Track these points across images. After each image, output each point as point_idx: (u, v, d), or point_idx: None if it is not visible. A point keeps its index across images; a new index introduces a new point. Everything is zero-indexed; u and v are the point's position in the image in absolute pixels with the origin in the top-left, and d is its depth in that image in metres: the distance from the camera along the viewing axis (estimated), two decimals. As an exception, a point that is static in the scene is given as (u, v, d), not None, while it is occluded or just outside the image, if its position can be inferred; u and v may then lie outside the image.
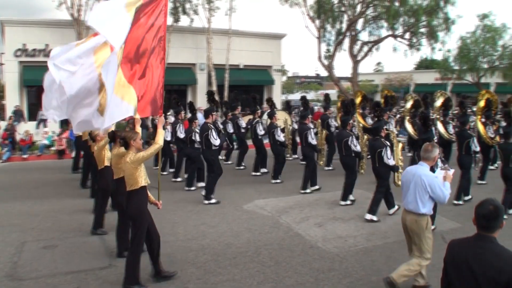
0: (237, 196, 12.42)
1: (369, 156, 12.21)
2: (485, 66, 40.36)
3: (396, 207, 10.59)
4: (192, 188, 13.22)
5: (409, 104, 15.39)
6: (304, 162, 13.99)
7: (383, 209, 10.52)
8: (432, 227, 7.93)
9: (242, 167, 16.66)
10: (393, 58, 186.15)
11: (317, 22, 34.06)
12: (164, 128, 8.47)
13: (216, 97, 16.40)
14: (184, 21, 28.92)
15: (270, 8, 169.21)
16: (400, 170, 10.80)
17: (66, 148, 20.18)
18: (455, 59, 41.18)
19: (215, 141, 11.87)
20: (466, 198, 11.79)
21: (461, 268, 3.74)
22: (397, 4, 31.87)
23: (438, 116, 14.94)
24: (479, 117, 14.53)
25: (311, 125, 13.92)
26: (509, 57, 38.72)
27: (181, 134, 13.94)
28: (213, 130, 11.91)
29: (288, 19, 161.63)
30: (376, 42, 35.30)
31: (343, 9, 34.13)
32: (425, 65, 63.29)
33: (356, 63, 34.59)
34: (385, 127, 10.91)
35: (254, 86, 31.30)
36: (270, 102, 16.78)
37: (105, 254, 8.23)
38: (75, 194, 12.74)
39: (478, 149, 11.92)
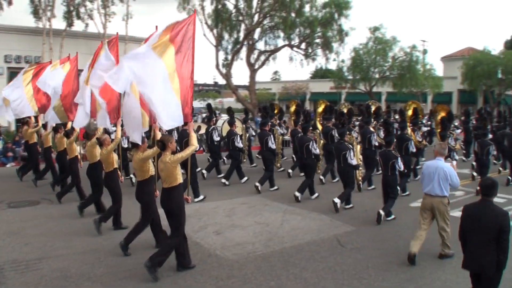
0: (135, 206, 12.06)
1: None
2: (377, 76, 42.35)
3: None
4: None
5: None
6: (254, 165, 17.72)
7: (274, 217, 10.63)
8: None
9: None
10: (290, 67, 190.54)
11: (215, 30, 34.18)
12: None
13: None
14: (78, 26, 28.02)
15: (169, 15, 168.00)
16: (361, 168, 13.68)
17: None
18: (348, 69, 42.92)
19: None
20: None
21: (471, 220, 5.86)
22: (293, 15, 32.68)
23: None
24: (407, 123, 16.22)
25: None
26: (398, 67, 40.81)
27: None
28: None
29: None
30: (273, 52, 35.94)
31: (240, 18, 34.51)
32: (320, 74, 65.31)
33: (253, 71, 35.00)
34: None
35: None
36: None
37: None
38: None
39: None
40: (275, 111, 19.67)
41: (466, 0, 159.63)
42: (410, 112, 17.32)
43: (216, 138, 16.08)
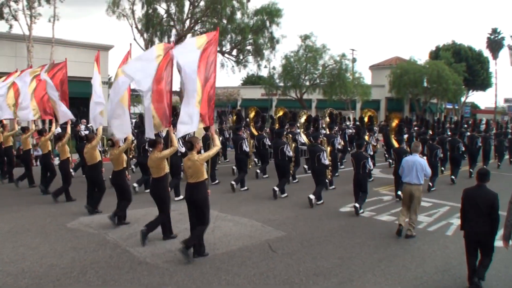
0: (58, 213, 11.70)
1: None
2: (307, 83, 42.98)
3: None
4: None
5: (303, 119, 18.71)
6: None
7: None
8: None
9: None
10: (221, 73, 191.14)
11: (146, 35, 33.77)
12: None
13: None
14: (1, 26, 26.98)
15: (97, 18, 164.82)
16: (330, 168, 14.55)
17: None
18: (279, 76, 43.39)
19: (181, 148, 13.41)
20: (369, 179, 15.24)
21: (470, 200, 7.47)
22: (225, 21, 32.77)
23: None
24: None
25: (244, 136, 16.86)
26: (328, 75, 41.63)
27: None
28: (179, 139, 13.21)
29: (117, 31, 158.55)
30: (204, 57, 35.79)
31: (172, 23, 34.27)
32: (252, 81, 65.64)
33: (185, 77, 34.72)
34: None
35: (79, 98, 28.99)
36: None
37: None
38: None
39: (372, 153, 16.16)
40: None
41: (393, 12, 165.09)
42: (366, 119, 19.37)
43: None
